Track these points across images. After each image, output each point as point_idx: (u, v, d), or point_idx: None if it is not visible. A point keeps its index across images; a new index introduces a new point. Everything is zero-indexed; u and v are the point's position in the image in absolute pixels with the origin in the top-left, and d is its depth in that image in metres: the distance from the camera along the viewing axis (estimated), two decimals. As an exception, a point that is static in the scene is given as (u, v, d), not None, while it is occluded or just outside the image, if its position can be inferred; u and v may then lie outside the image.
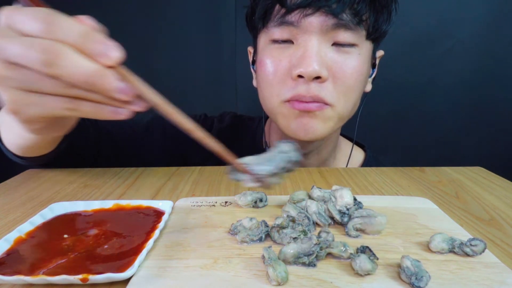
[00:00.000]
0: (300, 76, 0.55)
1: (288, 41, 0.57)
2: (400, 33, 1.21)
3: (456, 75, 1.31)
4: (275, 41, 0.58)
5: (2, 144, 0.53)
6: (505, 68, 1.30)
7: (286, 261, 0.31)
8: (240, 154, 0.80)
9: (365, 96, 0.66)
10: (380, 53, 0.66)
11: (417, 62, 1.29)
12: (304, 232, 0.34)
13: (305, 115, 0.57)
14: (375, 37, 0.58)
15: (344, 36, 0.55)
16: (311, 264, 0.31)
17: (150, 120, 0.74)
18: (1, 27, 0.30)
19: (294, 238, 0.33)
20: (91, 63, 0.29)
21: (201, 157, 0.59)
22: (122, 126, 0.69)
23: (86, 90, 0.30)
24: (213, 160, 0.61)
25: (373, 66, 0.66)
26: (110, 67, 0.29)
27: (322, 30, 0.54)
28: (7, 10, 0.30)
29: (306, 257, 0.31)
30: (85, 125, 0.61)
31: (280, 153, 0.38)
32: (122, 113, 0.32)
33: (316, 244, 0.31)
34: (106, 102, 0.31)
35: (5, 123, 0.50)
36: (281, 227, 0.35)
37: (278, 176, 0.37)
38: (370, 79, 0.66)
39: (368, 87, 0.66)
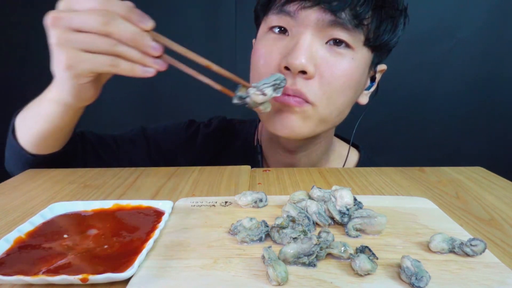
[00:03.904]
0: (287, 69, 0.54)
1: (284, 32, 0.56)
2: (400, 33, 1.21)
3: (456, 75, 1.31)
4: (272, 30, 0.58)
5: (16, 143, 0.57)
6: (505, 68, 1.30)
7: (286, 261, 0.31)
8: (231, 157, 0.80)
9: (364, 109, 0.65)
10: (382, 67, 0.64)
11: (417, 62, 1.29)
12: (304, 232, 0.34)
13: (284, 109, 0.57)
14: (374, 45, 0.56)
15: (340, 35, 0.53)
16: (311, 264, 0.31)
17: (135, 134, 0.75)
18: (61, 8, 0.41)
19: (294, 238, 0.33)
20: (135, 27, 0.41)
21: (188, 164, 0.62)
22: (106, 140, 0.70)
23: (129, 47, 0.41)
24: (200, 165, 0.62)
25: (372, 79, 0.64)
26: (146, 31, 0.41)
27: (317, 26, 0.53)
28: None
29: (306, 257, 0.31)
30: (75, 138, 0.63)
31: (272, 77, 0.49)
32: (149, 72, 0.43)
33: (316, 244, 0.31)
34: (139, 62, 0.42)
35: (29, 118, 0.56)
36: (281, 227, 0.35)
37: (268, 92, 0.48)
38: (367, 92, 0.65)
39: (363, 100, 0.65)
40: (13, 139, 0.58)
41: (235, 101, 0.49)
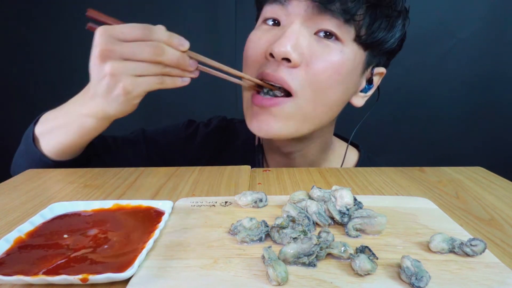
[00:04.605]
0: (272, 56, 0.54)
1: (278, 25, 0.57)
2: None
3: (456, 75, 1.31)
4: (266, 23, 0.58)
5: (38, 151, 0.58)
6: (505, 68, 1.30)
7: (286, 261, 0.31)
8: (231, 157, 0.81)
9: (367, 111, 0.65)
10: (380, 69, 0.63)
11: (417, 62, 1.29)
12: (304, 232, 0.34)
13: (261, 112, 0.57)
14: (366, 42, 0.55)
15: (329, 25, 0.53)
16: (311, 264, 0.31)
17: (135, 136, 0.75)
18: (103, 37, 0.45)
19: (294, 238, 0.33)
20: (176, 51, 0.47)
21: (187, 164, 0.62)
22: (107, 141, 0.70)
23: (172, 67, 0.48)
24: (199, 165, 0.62)
25: (369, 81, 0.63)
26: (184, 51, 0.48)
27: (307, 14, 0.53)
28: (103, 28, 0.45)
29: (306, 257, 0.31)
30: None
31: None
32: (186, 81, 0.50)
33: (316, 244, 0.31)
34: (179, 75, 0.49)
35: (57, 130, 0.57)
36: (281, 227, 0.35)
37: None
38: (363, 95, 0.64)
39: (359, 102, 0.64)
40: (34, 147, 0.58)
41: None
